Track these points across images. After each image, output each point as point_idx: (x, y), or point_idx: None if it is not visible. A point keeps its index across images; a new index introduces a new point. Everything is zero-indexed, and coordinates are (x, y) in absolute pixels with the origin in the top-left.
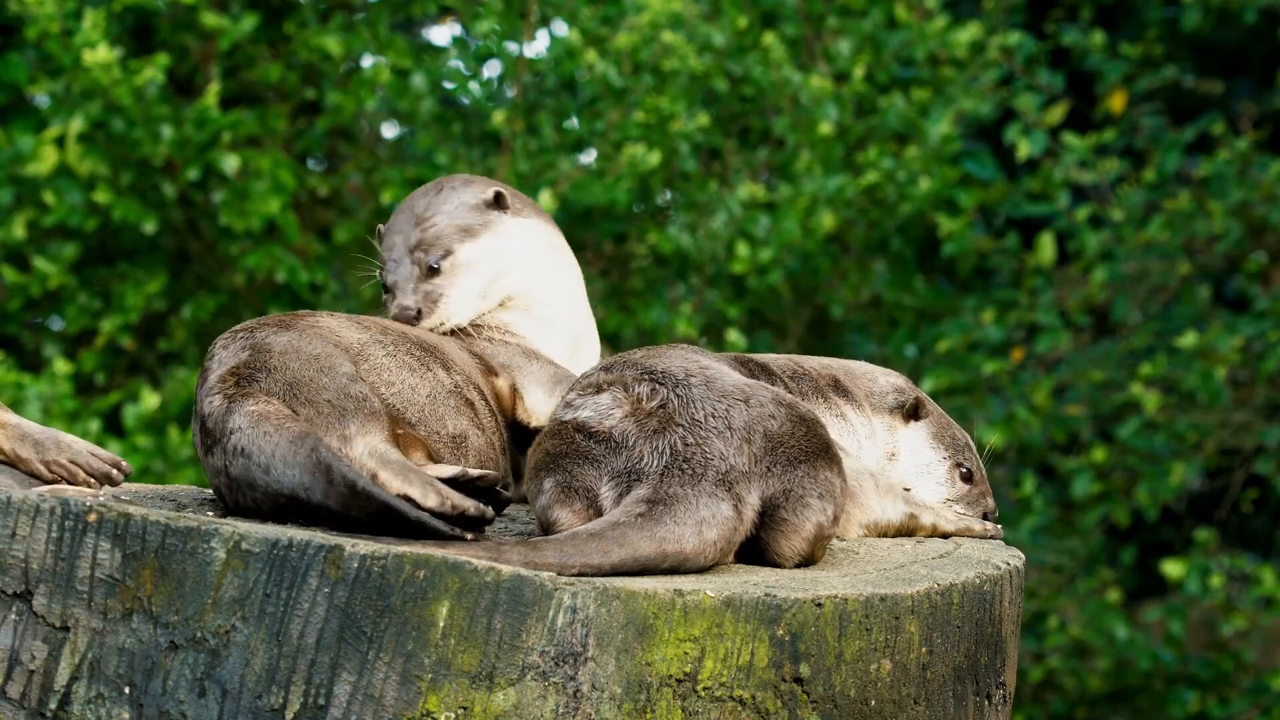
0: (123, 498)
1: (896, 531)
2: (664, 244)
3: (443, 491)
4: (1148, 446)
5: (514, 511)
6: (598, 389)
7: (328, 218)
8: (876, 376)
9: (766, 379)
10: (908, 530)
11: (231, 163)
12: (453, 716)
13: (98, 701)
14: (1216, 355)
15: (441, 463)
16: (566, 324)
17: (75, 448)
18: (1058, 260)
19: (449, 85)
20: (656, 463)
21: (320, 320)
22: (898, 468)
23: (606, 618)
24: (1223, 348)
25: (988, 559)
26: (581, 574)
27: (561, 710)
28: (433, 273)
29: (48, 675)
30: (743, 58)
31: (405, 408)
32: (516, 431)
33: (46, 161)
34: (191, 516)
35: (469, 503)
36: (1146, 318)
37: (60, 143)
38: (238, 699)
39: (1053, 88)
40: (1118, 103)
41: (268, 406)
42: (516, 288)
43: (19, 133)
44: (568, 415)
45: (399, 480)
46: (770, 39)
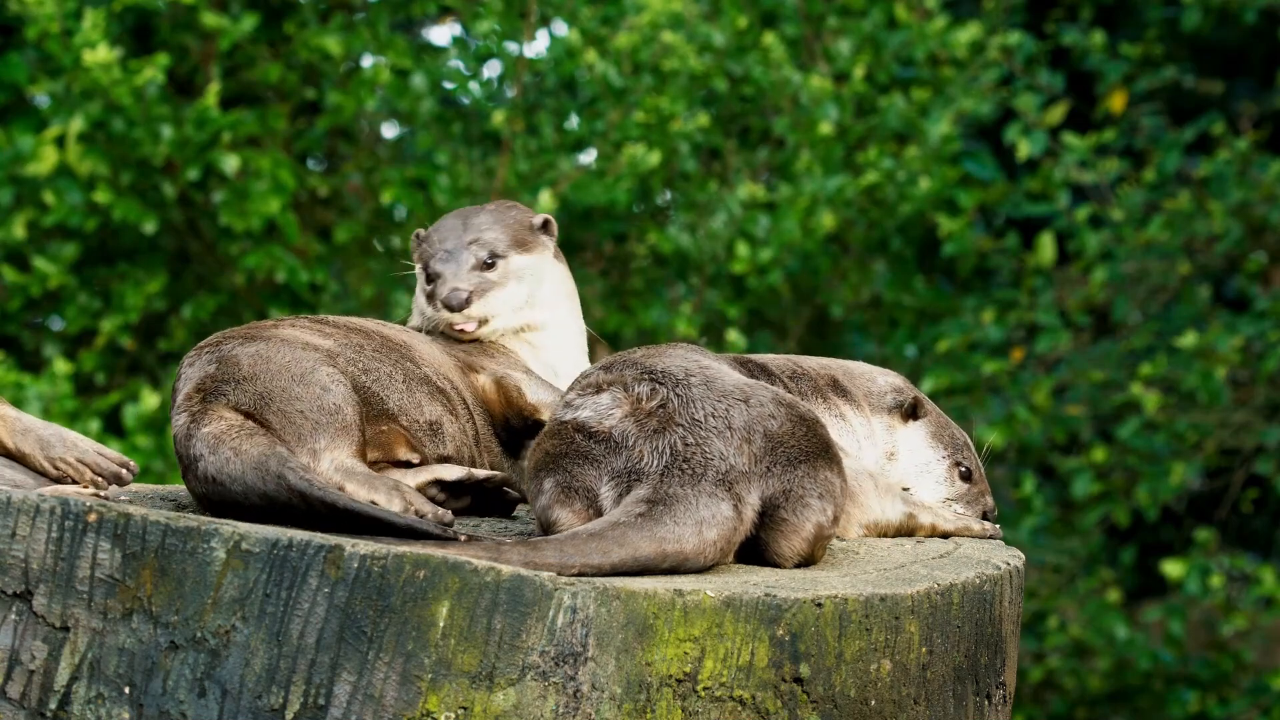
0: (123, 498)
1: (896, 531)
2: (664, 244)
3: (407, 497)
4: (1148, 446)
5: (514, 511)
6: (597, 389)
7: (328, 218)
8: (875, 376)
9: (766, 379)
10: (907, 530)
11: (231, 163)
12: (453, 716)
13: (98, 701)
14: (1216, 355)
15: (422, 451)
16: (568, 377)
17: (82, 446)
18: (1058, 260)
19: (449, 85)
20: (656, 463)
21: (284, 331)
22: (897, 467)
23: (606, 618)
24: (1223, 348)
25: (988, 559)
26: (581, 574)
27: (561, 710)
28: (487, 267)
29: (48, 675)
30: (743, 58)
31: (386, 395)
32: (517, 431)
33: (46, 161)
34: (191, 516)
35: (429, 508)
36: (1146, 318)
37: (60, 143)
38: (238, 699)
39: (1053, 88)
40: (1118, 103)
41: (221, 424)
42: (540, 319)
43: (19, 133)
44: (567, 415)
45: (365, 490)
46: (770, 39)
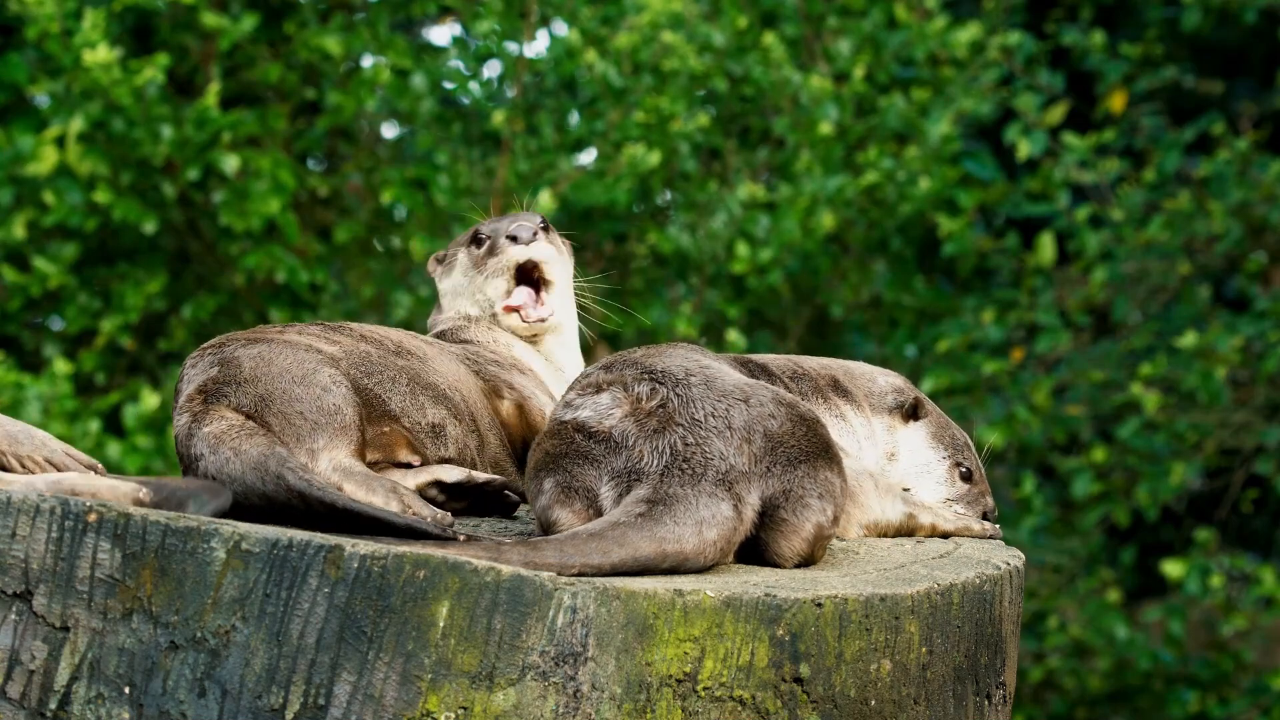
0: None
1: (896, 531)
2: (664, 244)
3: (405, 498)
4: (1148, 446)
5: (515, 511)
6: (597, 389)
7: (328, 218)
8: (875, 377)
9: (766, 379)
10: (907, 530)
11: (231, 163)
12: (453, 716)
13: (98, 701)
14: (1216, 355)
15: (424, 453)
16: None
17: (51, 445)
18: (1058, 260)
19: (449, 85)
20: (656, 462)
21: (289, 335)
22: (897, 468)
23: (606, 618)
24: (1223, 348)
25: (988, 559)
26: (581, 574)
27: (561, 710)
28: (545, 231)
29: (48, 675)
30: (743, 58)
31: (388, 396)
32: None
33: (46, 161)
34: (191, 516)
35: (427, 510)
36: (1146, 318)
37: (60, 143)
38: (238, 699)
39: (1053, 88)
40: (1118, 103)
41: (221, 424)
42: (564, 321)
43: (19, 133)
44: (567, 415)
45: (363, 491)
46: (770, 39)
